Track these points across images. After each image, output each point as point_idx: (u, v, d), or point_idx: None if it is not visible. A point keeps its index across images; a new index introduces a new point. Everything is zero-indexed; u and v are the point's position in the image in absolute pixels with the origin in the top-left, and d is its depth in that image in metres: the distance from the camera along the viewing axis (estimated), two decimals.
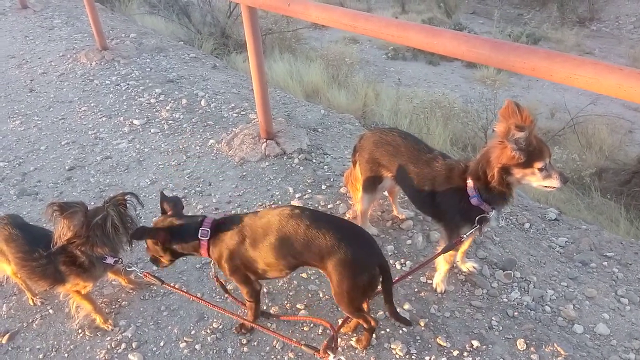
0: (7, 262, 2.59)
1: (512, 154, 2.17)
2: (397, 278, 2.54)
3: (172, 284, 2.72)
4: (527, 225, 3.44)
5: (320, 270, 2.27)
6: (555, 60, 1.94)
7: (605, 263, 3.11)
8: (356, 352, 2.49)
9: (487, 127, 6.05)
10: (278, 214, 2.25)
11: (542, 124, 7.45)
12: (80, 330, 2.68)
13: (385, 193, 3.39)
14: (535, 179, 2.25)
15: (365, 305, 2.37)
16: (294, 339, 2.39)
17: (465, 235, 2.45)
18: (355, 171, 3.10)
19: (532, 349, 2.50)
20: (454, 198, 2.48)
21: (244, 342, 2.56)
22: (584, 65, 1.87)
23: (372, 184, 2.97)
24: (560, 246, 3.26)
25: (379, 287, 2.27)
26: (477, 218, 2.41)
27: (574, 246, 3.26)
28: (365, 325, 2.38)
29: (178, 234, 2.32)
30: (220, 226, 2.33)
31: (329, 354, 2.18)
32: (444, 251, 2.57)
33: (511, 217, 3.50)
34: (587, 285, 2.92)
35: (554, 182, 2.25)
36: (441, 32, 2.36)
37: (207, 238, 2.29)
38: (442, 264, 2.78)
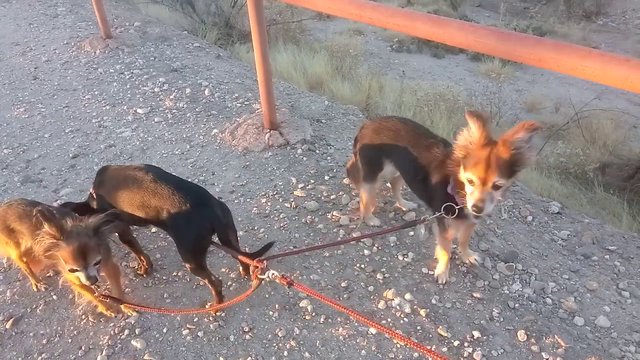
0: (13, 247, 2.61)
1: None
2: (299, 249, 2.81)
3: (134, 303, 2.71)
4: (529, 218, 3.44)
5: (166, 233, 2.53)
6: (562, 51, 1.94)
7: (607, 256, 3.11)
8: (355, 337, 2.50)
9: (491, 120, 6.03)
10: (132, 169, 2.56)
11: (546, 118, 7.42)
12: (83, 316, 2.70)
13: (388, 184, 3.39)
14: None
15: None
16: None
17: (429, 218, 2.50)
18: (356, 162, 3.10)
19: (532, 340, 2.51)
20: (442, 185, 2.47)
21: (246, 330, 2.58)
22: (591, 57, 1.87)
23: (372, 172, 2.98)
24: (562, 239, 3.27)
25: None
26: (443, 206, 2.40)
27: (576, 239, 3.26)
28: (209, 287, 2.59)
29: None
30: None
31: (260, 272, 2.13)
32: (403, 227, 2.67)
33: (514, 210, 3.51)
34: (589, 278, 2.92)
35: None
36: (448, 22, 2.35)
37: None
38: (441, 255, 2.79)
